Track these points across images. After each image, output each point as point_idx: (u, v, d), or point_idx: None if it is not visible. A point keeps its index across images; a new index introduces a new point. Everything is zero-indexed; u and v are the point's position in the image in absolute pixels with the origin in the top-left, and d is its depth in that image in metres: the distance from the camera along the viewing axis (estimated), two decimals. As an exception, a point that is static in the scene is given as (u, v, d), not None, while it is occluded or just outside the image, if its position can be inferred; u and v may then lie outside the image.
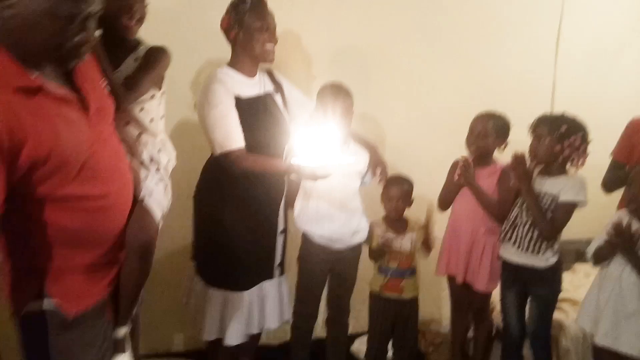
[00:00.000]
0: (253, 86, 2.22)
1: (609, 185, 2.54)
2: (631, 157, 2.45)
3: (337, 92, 2.30)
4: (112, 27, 1.77)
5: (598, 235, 2.16)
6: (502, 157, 2.44)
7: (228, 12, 2.14)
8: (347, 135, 2.37)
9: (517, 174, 2.24)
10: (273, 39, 2.16)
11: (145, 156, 1.83)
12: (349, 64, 2.83)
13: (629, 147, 2.48)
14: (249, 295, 2.27)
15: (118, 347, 1.60)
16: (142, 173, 1.78)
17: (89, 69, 1.44)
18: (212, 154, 2.21)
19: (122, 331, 1.62)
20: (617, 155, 2.55)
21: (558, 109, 2.38)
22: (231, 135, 2.09)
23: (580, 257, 3.05)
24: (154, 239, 1.66)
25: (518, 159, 2.23)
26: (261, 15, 2.11)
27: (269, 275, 2.33)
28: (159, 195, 1.77)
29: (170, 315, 2.71)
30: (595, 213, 2.29)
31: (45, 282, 1.37)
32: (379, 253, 2.50)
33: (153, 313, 2.52)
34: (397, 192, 2.47)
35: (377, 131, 2.91)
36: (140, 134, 1.87)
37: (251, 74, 2.22)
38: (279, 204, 2.33)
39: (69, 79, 1.37)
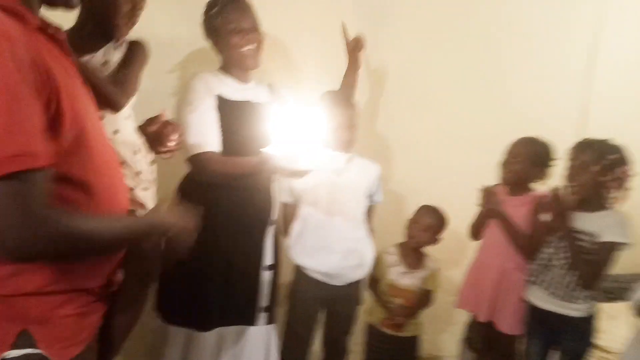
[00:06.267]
0: (243, 91, 1.98)
1: None
2: None
3: (339, 100, 2.06)
4: (101, 20, 1.60)
5: None
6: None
7: (203, 19, 1.93)
8: (350, 149, 2.13)
9: (555, 212, 1.99)
10: (250, 41, 1.90)
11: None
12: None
13: None
14: (215, 337, 1.97)
15: None
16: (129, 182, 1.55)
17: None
18: (187, 174, 1.99)
19: None
20: None
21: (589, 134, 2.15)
22: (204, 137, 1.87)
23: (604, 295, 2.78)
24: (157, 259, 1.37)
25: (556, 195, 1.98)
26: (232, 17, 1.88)
27: (249, 321, 2.01)
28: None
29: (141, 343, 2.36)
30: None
31: (30, 320, 1.06)
32: (381, 301, 2.29)
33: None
34: (428, 221, 2.27)
35: (386, 152, 2.62)
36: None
37: (243, 79, 1.99)
38: (264, 232, 2.01)
39: None
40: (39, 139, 0.93)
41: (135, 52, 1.67)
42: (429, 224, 2.26)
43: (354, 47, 2.26)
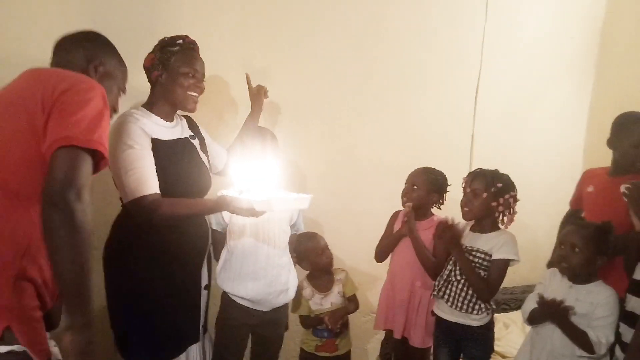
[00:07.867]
0: (172, 129, 2.02)
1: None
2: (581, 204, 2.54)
3: (262, 134, 2.20)
4: None
5: (531, 295, 2.14)
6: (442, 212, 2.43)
7: (154, 50, 1.97)
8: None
9: (445, 241, 2.21)
10: (198, 88, 2.00)
11: None
12: (271, 113, 2.70)
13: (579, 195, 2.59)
14: None
15: None
16: None
17: None
18: (123, 207, 1.95)
19: None
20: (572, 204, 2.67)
21: (476, 164, 2.49)
22: (147, 180, 1.83)
23: (498, 306, 3.09)
24: None
25: (443, 226, 2.21)
26: (190, 61, 1.96)
27: (195, 338, 2.07)
28: None
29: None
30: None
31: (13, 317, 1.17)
32: (315, 322, 2.39)
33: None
34: (321, 242, 2.41)
35: (301, 180, 2.80)
36: None
37: (169, 118, 2.02)
38: (203, 257, 2.09)
39: None
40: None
41: None
42: (323, 244, 2.40)
43: (257, 94, 2.39)
